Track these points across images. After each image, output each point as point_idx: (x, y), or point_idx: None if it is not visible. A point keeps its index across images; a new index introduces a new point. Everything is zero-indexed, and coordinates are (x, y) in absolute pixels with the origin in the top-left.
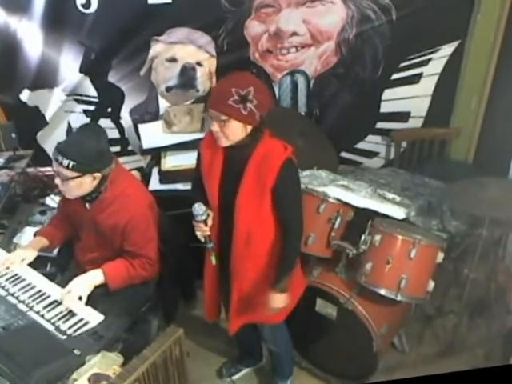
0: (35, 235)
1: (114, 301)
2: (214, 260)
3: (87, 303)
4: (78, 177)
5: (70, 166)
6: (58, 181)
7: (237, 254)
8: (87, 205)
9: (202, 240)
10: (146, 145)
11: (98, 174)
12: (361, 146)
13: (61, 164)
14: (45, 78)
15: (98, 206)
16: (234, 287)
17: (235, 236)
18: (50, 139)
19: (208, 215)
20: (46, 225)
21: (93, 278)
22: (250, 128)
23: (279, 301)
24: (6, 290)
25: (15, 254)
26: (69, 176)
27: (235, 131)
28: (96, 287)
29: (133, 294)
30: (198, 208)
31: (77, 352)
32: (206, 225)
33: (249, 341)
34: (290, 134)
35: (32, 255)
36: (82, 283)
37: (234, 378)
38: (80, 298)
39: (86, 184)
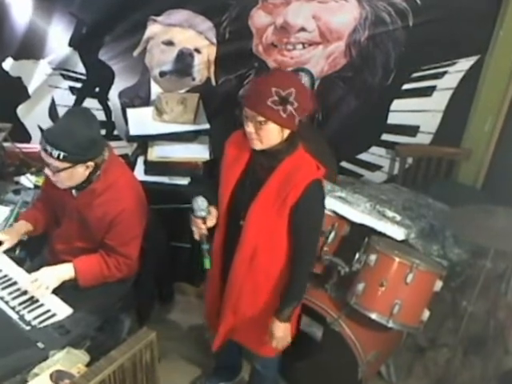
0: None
1: (86, 295)
2: (207, 263)
3: (56, 295)
4: (69, 167)
5: (61, 157)
6: (48, 172)
7: (238, 268)
8: (74, 192)
9: (197, 238)
10: (133, 131)
11: (90, 163)
12: (363, 157)
13: (50, 155)
14: (31, 48)
15: (86, 196)
16: (229, 303)
17: (240, 248)
18: (32, 114)
19: (209, 213)
20: (29, 208)
21: (62, 272)
22: (286, 133)
23: (280, 330)
24: None
25: None
26: (60, 167)
27: (271, 135)
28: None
29: (107, 289)
30: (200, 202)
31: (40, 345)
32: (204, 223)
33: (230, 352)
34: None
35: (13, 241)
36: (50, 275)
37: None
38: (46, 289)
39: (79, 174)
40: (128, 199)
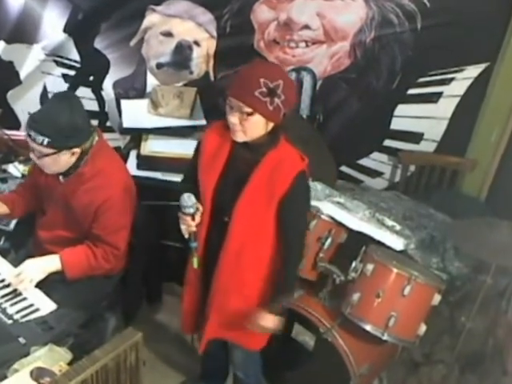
0: None
1: (71, 291)
2: (195, 263)
3: (40, 289)
4: (53, 153)
5: (45, 143)
6: (33, 156)
7: (224, 265)
8: (61, 177)
9: (186, 236)
10: (126, 123)
11: (76, 150)
12: (364, 162)
13: (34, 140)
14: (24, 32)
15: (73, 181)
16: (214, 302)
17: (226, 245)
18: (22, 100)
19: (197, 209)
20: (10, 191)
21: (48, 263)
22: (270, 126)
23: (269, 321)
24: None
25: None
26: (44, 152)
27: (256, 127)
28: (53, 273)
29: (93, 286)
30: (188, 199)
31: (22, 340)
32: (193, 219)
33: (216, 359)
34: (287, 136)
35: None
36: (35, 266)
37: None
38: (30, 282)
39: (64, 160)
40: (115, 187)
